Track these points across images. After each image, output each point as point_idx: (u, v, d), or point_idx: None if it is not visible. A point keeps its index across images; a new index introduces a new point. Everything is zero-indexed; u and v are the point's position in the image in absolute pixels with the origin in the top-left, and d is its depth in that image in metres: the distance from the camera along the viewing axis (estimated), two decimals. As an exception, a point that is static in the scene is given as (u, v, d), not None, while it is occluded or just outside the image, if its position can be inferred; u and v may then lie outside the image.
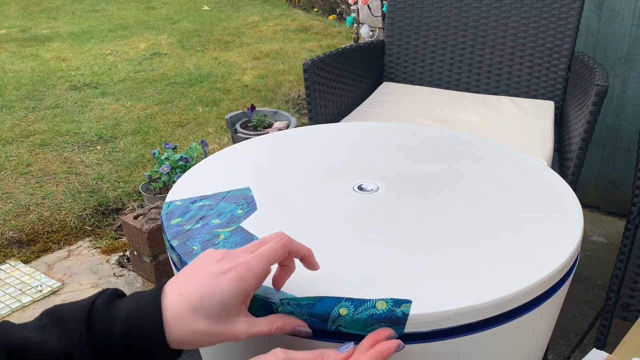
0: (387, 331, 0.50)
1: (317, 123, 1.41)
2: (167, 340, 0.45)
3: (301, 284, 0.54)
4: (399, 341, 0.49)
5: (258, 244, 0.50)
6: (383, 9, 2.26)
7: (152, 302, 0.46)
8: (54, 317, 0.46)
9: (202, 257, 0.50)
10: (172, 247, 0.62)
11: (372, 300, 0.51)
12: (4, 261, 1.78)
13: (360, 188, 0.74)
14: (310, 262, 0.53)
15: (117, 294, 0.48)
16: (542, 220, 0.65)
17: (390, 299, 0.51)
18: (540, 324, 0.60)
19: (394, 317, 0.50)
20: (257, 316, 0.50)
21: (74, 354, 0.44)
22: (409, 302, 0.50)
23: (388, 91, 1.70)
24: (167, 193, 0.75)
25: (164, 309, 0.46)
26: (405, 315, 0.50)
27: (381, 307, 0.50)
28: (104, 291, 0.48)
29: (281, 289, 0.53)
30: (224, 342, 0.47)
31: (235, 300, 0.46)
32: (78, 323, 0.44)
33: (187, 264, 0.59)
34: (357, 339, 0.50)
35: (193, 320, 0.45)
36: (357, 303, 0.51)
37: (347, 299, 0.51)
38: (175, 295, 0.46)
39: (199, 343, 0.46)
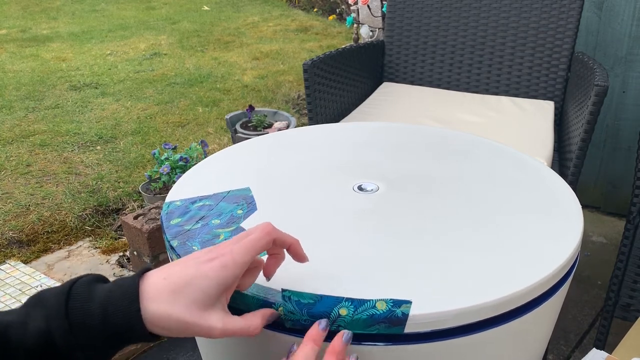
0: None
1: (317, 123, 1.41)
2: (143, 319, 0.45)
3: (301, 283, 0.54)
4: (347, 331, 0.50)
5: (244, 235, 0.50)
6: (383, 9, 2.26)
7: (131, 280, 0.46)
8: (37, 298, 0.46)
9: (191, 254, 0.51)
10: (172, 248, 0.62)
11: (372, 300, 0.51)
12: (4, 261, 1.78)
13: (360, 188, 0.74)
14: (297, 253, 0.53)
15: (100, 278, 0.48)
16: (542, 221, 0.65)
17: (390, 299, 0.51)
18: (541, 324, 0.60)
19: (393, 317, 0.50)
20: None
21: (52, 331, 0.43)
22: (409, 302, 0.50)
23: (388, 91, 1.70)
24: (167, 193, 0.75)
25: (144, 288, 0.46)
26: (405, 316, 0.50)
27: (381, 307, 0.50)
28: (87, 274, 0.48)
29: (284, 288, 0.53)
30: (199, 336, 0.47)
31: (217, 288, 0.47)
32: (57, 300, 0.44)
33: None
34: (356, 338, 0.50)
35: (171, 303, 0.45)
36: (357, 303, 0.50)
37: (347, 299, 0.51)
38: (159, 278, 0.47)
39: (170, 330, 0.46)
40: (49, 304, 0.44)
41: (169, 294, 0.45)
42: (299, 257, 0.53)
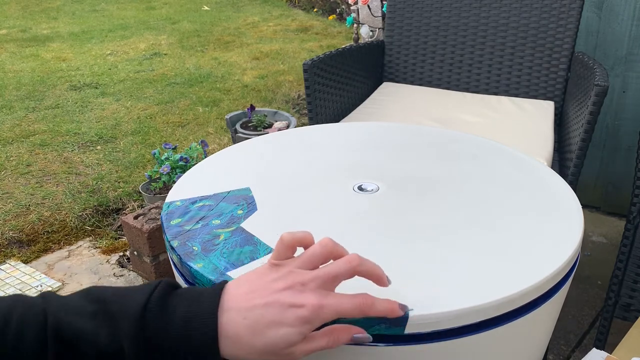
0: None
1: (317, 123, 1.41)
2: (220, 354, 0.44)
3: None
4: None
5: (331, 273, 0.47)
6: (383, 9, 2.26)
7: (210, 313, 0.45)
8: (105, 307, 0.45)
9: (264, 272, 0.47)
10: (172, 248, 0.62)
11: None
12: (4, 261, 1.78)
13: (360, 188, 0.74)
14: (380, 282, 0.50)
15: (172, 287, 0.47)
16: (542, 221, 0.65)
17: None
18: (541, 325, 0.60)
19: (394, 319, 0.50)
20: None
21: (125, 349, 0.43)
22: (410, 309, 0.50)
23: (388, 91, 1.70)
24: (167, 193, 0.75)
25: (223, 324, 0.44)
26: (405, 318, 0.50)
27: None
28: (157, 284, 0.46)
29: None
30: None
31: (299, 337, 0.45)
32: (131, 326, 0.44)
33: (187, 265, 0.59)
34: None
35: (251, 345, 0.44)
36: None
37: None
38: (239, 317, 0.45)
39: None
40: (122, 327, 0.44)
41: (249, 336, 0.44)
42: (382, 284, 0.50)
